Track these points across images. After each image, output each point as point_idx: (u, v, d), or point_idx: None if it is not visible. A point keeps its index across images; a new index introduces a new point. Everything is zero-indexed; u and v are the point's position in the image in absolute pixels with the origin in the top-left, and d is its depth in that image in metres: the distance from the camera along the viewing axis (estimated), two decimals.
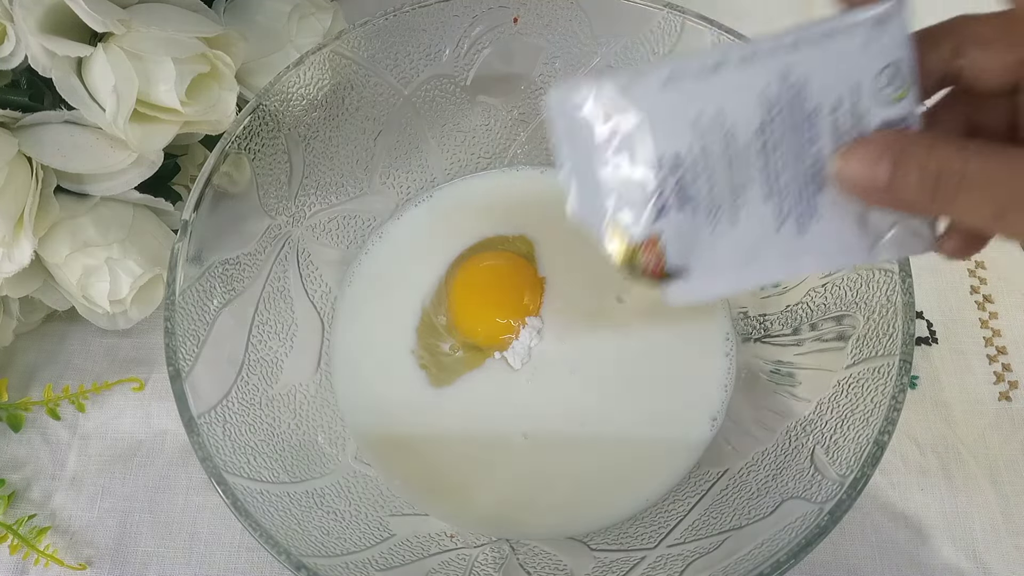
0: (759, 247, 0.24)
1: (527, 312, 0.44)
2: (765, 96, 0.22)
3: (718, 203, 0.24)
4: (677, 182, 0.24)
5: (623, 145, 0.24)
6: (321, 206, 0.45)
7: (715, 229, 0.24)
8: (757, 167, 0.23)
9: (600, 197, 0.25)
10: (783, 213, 0.24)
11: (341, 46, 0.42)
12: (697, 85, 0.23)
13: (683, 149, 0.23)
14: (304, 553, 0.33)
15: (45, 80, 0.40)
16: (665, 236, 0.25)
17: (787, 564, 0.31)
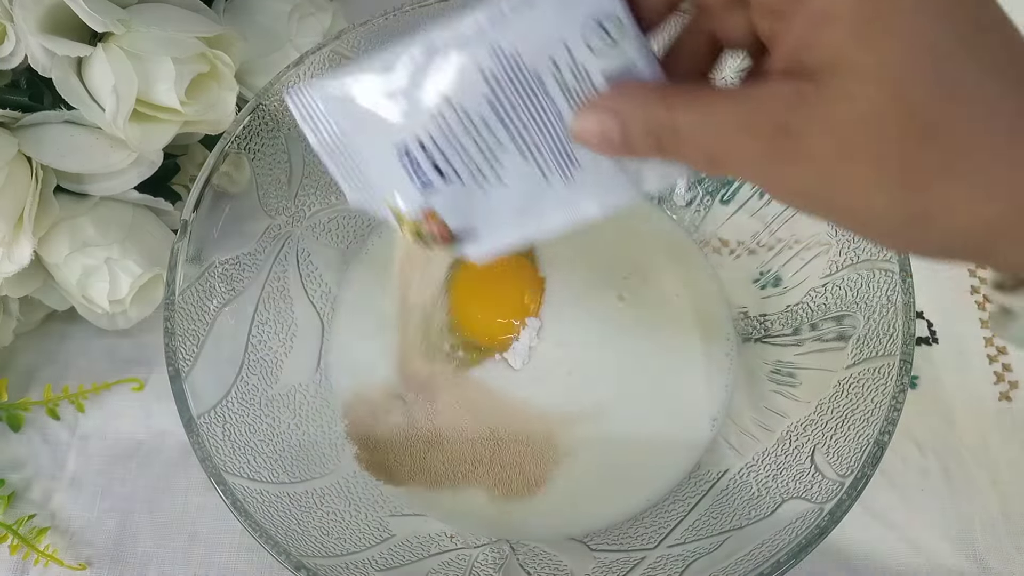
0: (533, 200, 0.26)
1: (527, 312, 0.44)
2: (484, 73, 0.23)
3: (478, 170, 0.25)
4: (429, 163, 0.25)
5: (366, 140, 0.26)
6: (321, 206, 0.45)
7: (485, 192, 0.26)
8: (502, 133, 0.24)
9: (369, 187, 0.27)
10: (545, 167, 0.25)
11: (341, 46, 0.42)
12: (416, 75, 0.24)
13: (422, 134, 0.25)
14: (304, 553, 0.33)
15: (45, 80, 0.40)
16: (439, 208, 0.26)
17: (787, 564, 0.31)
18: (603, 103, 0.23)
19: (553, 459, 0.41)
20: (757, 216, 0.44)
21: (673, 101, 0.21)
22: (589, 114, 0.23)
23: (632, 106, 0.22)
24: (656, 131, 0.22)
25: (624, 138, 0.22)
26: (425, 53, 0.23)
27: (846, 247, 0.39)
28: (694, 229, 0.47)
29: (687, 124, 0.21)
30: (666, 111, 0.21)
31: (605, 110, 0.23)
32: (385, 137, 0.25)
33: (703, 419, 0.42)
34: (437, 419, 0.42)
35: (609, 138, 0.23)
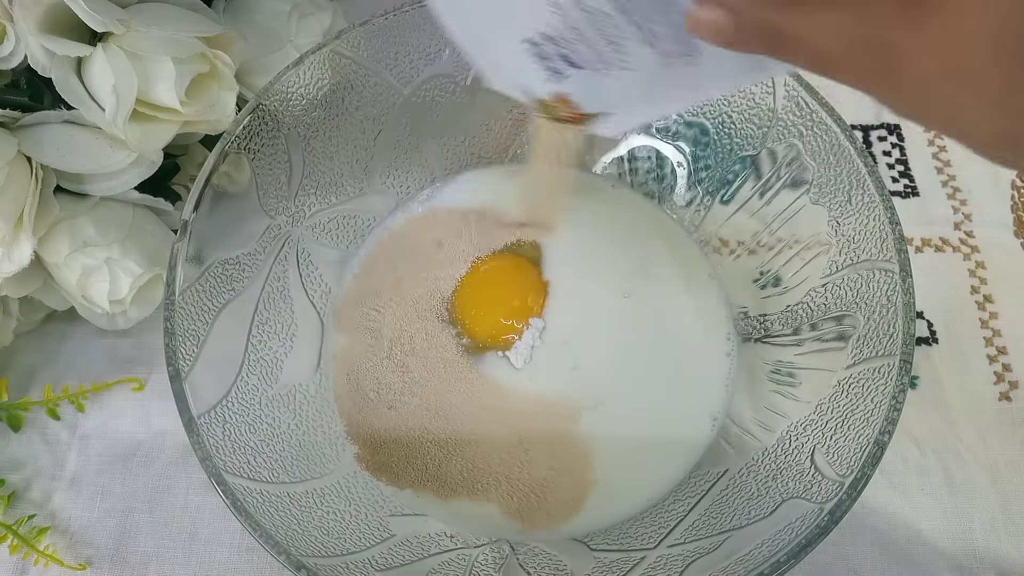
0: (660, 82, 0.26)
1: (530, 313, 0.44)
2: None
3: (605, 59, 0.26)
4: (558, 53, 0.26)
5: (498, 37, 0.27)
6: (321, 206, 0.45)
7: (613, 77, 0.26)
8: (624, 23, 0.25)
9: (508, 73, 0.28)
10: (668, 53, 0.25)
11: (341, 46, 0.42)
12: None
13: (548, 28, 0.25)
14: (304, 553, 0.33)
15: (45, 80, 0.40)
16: (572, 93, 0.27)
17: (787, 564, 0.31)
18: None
19: (553, 459, 0.41)
20: (757, 216, 0.44)
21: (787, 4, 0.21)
22: (706, 7, 0.23)
23: (746, 3, 0.22)
24: (766, 31, 0.22)
25: (736, 35, 0.22)
26: None
27: (846, 247, 0.39)
28: (694, 229, 0.47)
29: (796, 28, 0.21)
30: (776, 12, 0.21)
31: (720, 4, 0.23)
32: (514, 33, 0.26)
33: (704, 419, 0.42)
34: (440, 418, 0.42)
35: (722, 33, 0.23)
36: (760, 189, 0.43)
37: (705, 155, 0.46)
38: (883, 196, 0.37)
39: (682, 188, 0.47)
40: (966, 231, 0.49)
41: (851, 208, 0.38)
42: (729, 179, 0.45)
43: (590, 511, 0.40)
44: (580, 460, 0.41)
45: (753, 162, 0.43)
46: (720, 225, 0.46)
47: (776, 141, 0.42)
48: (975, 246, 0.49)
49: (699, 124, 0.45)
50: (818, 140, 0.39)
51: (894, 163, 0.52)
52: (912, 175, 0.51)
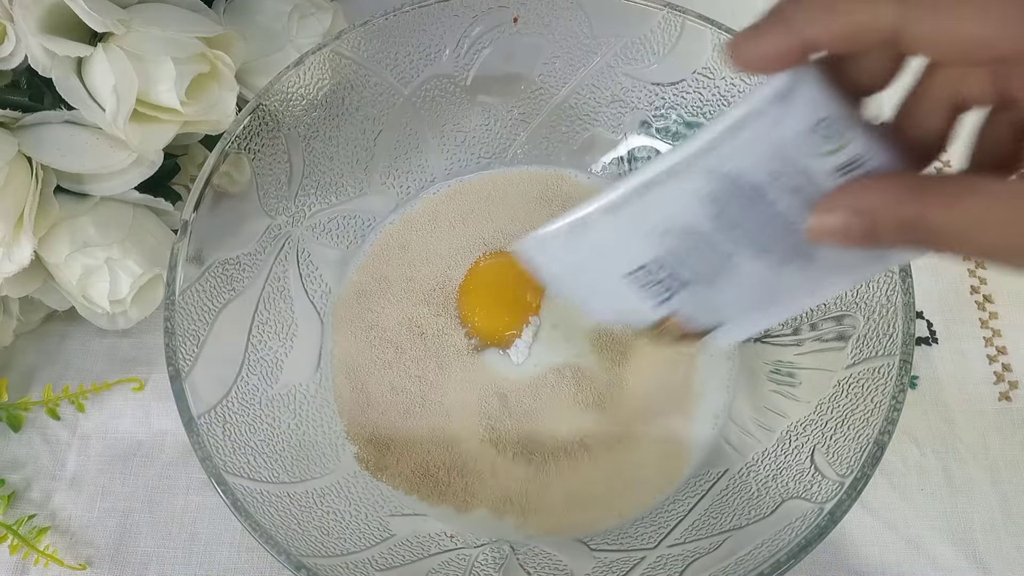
0: (774, 290, 0.26)
1: (530, 311, 0.44)
2: (705, 196, 0.23)
3: (715, 273, 0.25)
4: (666, 276, 0.26)
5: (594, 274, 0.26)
6: (321, 206, 0.45)
7: (724, 291, 0.26)
8: (733, 240, 0.24)
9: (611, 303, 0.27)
10: (781, 262, 0.25)
11: (341, 46, 0.42)
12: (636, 207, 0.24)
13: (653, 256, 0.25)
14: (304, 553, 0.33)
15: (45, 80, 0.40)
16: (679, 312, 0.27)
17: (787, 564, 0.31)
18: (844, 201, 0.22)
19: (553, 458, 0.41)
20: None
21: (925, 198, 0.20)
22: (827, 214, 0.22)
23: (879, 202, 0.21)
24: (908, 227, 0.21)
25: (870, 234, 0.21)
26: (641, 187, 0.23)
27: None
28: None
29: (942, 222, 0.20)
30: (918, 208, 0.20)
31: (846, 209, 0.22)
32: (612, 269, 0.26)
33: (704, 419, 0.42)
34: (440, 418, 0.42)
35: (853, 234, 0.22)
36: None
37: None
38: None
39: None
40: None
41: None
42: None
43: (590, 512, 0.40)
44: (579, 460, 0.41)
45: None
46: None
47: None
48: None
49: (699, 124, 0.45)
50: None
51: None
52: None
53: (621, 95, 0.46)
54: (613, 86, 0.46)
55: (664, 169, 0.23)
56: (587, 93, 0.47)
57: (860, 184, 0.22)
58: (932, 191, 0.20)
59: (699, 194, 0.23)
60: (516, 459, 0.41)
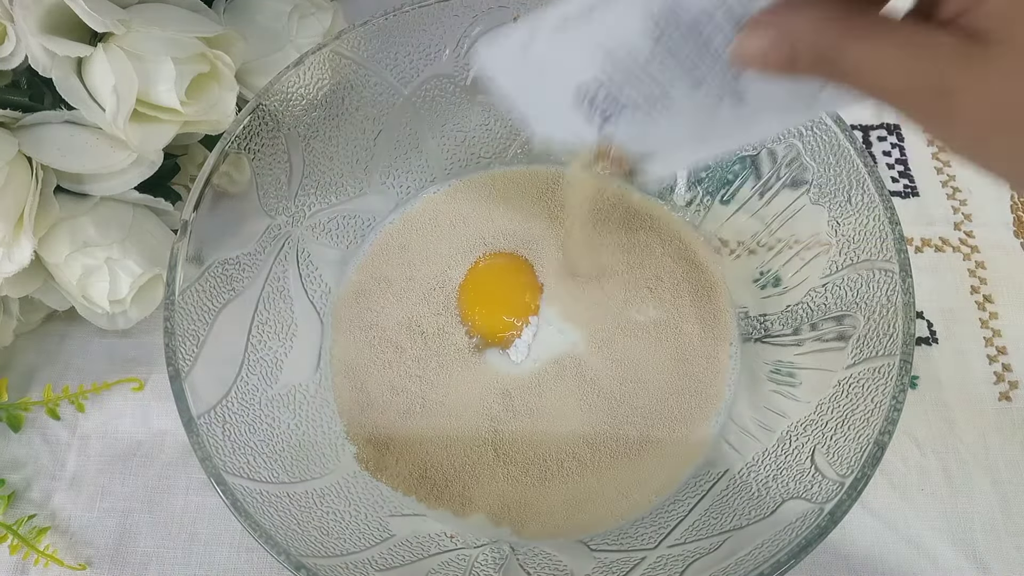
0: (708, 124, 0.26)
1: (530, 311, 0.44)
2: (648, 16, 0.24)
3: (652, 99, 0.26)
4: (605, 96, 0.27)
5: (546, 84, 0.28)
6: (321, 206, 0.45)
7: (661, 118, 0.27)
8: (672, 66, 0.25)
9: (557, 121, 0.29)
10: (716, 95, 0.25)
11: (341, 46, 0.42)
12: (583, 25, 0.25)
13: (597, 73, 0.26)
14: (304, 553, 0.33)
15: (45, 80, 0.40)
16: (617, 134, 0.28)
17: (787, 564, 0.31)
18: (771, 20, 0.22)
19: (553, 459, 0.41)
20: (757, 216, 0.44)
21: (846, 26, 0.21)
22: (755, 33, 0.22)
23: (803, 26, 0.22)
24: (825, 55, 0.21)
25: (791, 59, 0.22)
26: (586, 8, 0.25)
27: (846, 247, 0.39)
28: (694, 229, 0.47)
29: (855, 53, 0.21)
30: (838, 36, 0.21)
31: (773, 27, 0.22)
32: (564, 79, 0.27)
33: (705, 419, 0.42)
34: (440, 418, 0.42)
35: (775, 58, 0.22)
36: (760, 189, 0.43)
37: None
38: (883, 196, 0.37)
39: (682, 188, 0.47)
40: (966, 231, 0.49)
41: (851, 208, 0.38)
42: (729, 179, 0.45)
43: (590, 515, 0.40)
44: (582, 464, 0.41)
45: (753, 162, 0.43)
46: (720, 225, 0.46)
47: (776, 141, 0.42)
48: (975, 246, 0.49)
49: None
50: (818, 140, 0.39)
51: (894, 163, 0.52)
52: (912, 175, 0.51)
53: None
54: None
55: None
56: None
57: (786, 6, 0.22)
58: (852, 24, 0.21)
59: (643, 12, 0.24)
60: (516, 463, 0.41)
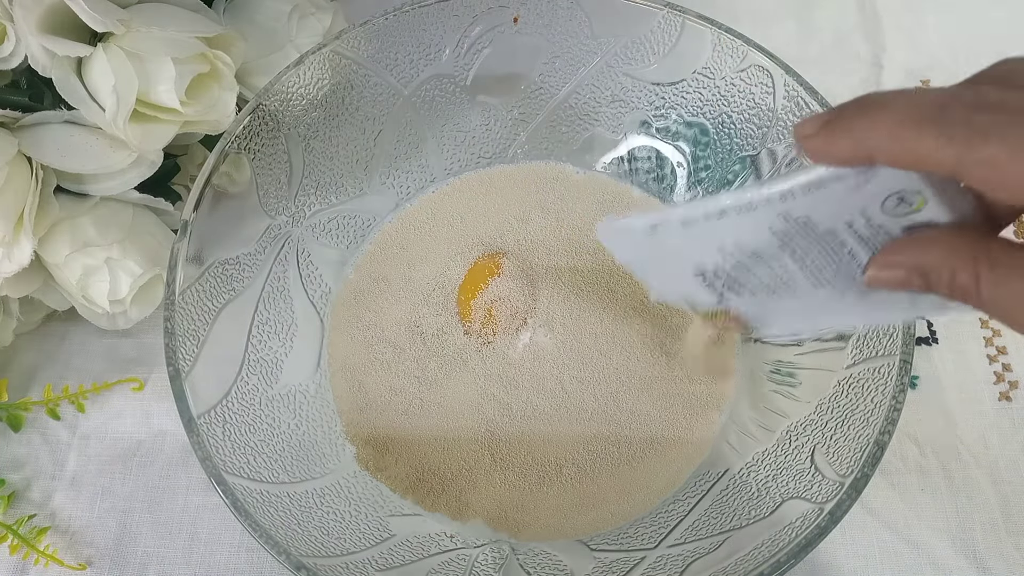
0: (826, 306, 0.27)
1: (528, 312, 0.44)
2: (774, 231, 0.25)
3: (772, 288, 0.27)
4: (724, 282, 0.28)
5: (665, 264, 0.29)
6: (321, 206, 0.45)
7: (780, 300, 0.28)
8: (795, 268, 0.26)
9: (671, 291, 0.30)
10: (838, 291, 0.26)
11: (341, 46, 0.42)
12: (708, 226, 0.26)
13: (717, 263, 0.27)
14: (304, 553, 0.33)
15: (45, 80, 0.40)
16: (735, 308, 0.29)
17: (787, 564, 0.31)
18: (901, 258, 0.23)
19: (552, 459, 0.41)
20: None
21: (983, 268, 0.21)
22: (887, 270, 0.24)
23: (933, 265, 0.22)
24: (959, 293, 0.22)
25: (925, 287, 0.23)
26: (717, 213, 0.25)
27: None
28: None
29: (990, 298, 0.21)
30: (970, 280, 0.21)
31: (902, 267, 0.23)
32: (683, 265, 0.28)
33: (704, 419, 0.42)
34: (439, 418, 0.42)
35: (908, 286, 0.23)
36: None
37: (705, 155, 0.46)
38: None
39: (682, 188, 0.47)
40: None
41: None
42: (729, 179, 0.45)
43: (589, 516, 0.40)
44: (581, 468, 0.41)
45: (753, 162, 0.43)
46: None
47: (776, 141, 0.42)
48: None
49: (699, 124, 0.45)
50: None
51: None
52: None
53: (621, 95, 0.46)
54: (613, 86, 0.46)
55: (741, 204, 0.25)
56: (587, 93, 0.47)
57: (920, 240, 0.23)
58: (985, 265, 0.21)
59: (770, 229, 0.25)
60: (513, 468, 0.41)
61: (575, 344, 0.43)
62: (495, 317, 0.43)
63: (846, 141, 0.22)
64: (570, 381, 0.42)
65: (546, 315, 0.44)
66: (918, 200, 0.22)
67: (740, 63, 0.42)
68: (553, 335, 0.43)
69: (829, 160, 0.22)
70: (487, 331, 0.43)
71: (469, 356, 0.43)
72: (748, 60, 0.41)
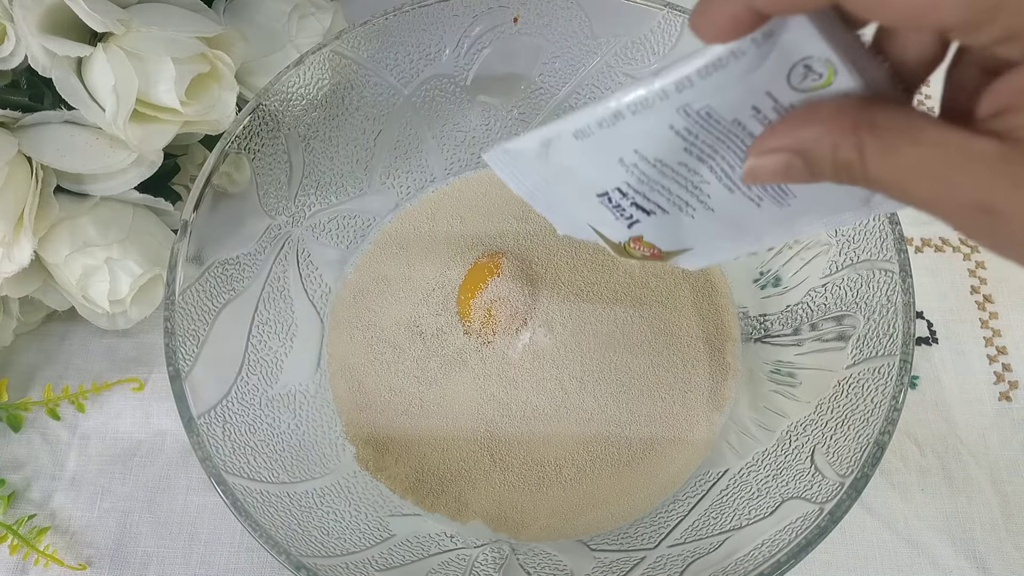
0: (746, 221, 0.25)
1: (528, 312, 0.44)
2: (675, 130, 0.22)
3: (684, 201, 0.25)
4: (632, 204, 0.25)
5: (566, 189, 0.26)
6: (321, 206, 0.45)
7: (693, 217, 0.25)
8: (704, 171, 0.23)
9: (577, 222, 0.28)
10: (755, 198, 0.24)
11: (341, 46, 0.42)
12: (604, 135, 0.23)
13: (621, 183, 0.24)
14: (304, 553, 0.33)
15: (45, 80, 0.40)
16: (647, 235, 0.26)
17: (787, 564, 0.31)
18: (777, 141, 0.21)
19: (552, 459, 0.41)
20: None
21: (866, 140, 0.19)
22: (765, 153, 0.21)
23: (817, 139, 0.20)
24: (844, 170, 0.20)
25: (810, 172, 0.20)
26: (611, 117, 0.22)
27: (846, 247, 0.39)
28: None
29: (877, 165, 0.19)
30: (855, 147, 0.19)
31: (784, 152, 0.20)
32: (584, 187, 0.25)
33: (706, 419, 0.42)
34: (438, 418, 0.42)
35: (791, 175, 0.21)
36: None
37: None
38: None
39: None
40: None
41: None
42: None
43: (589, 517, 0.40)
44: (581, 469, 0.41)
45: None
46: None
47: None
48: (975, 246, 0.49)
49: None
50: None
51: None
52: None
53: None
54: (613, 86, 0.46)
55: (635, 102, 0.22)
56: (587, 93, 0.47)
57: (796, 118, 0.21)
58: (872, 129, 0.19)
59: (672, 128, 0.22)
60: (512, 468, 0.41)
61: (575, 344, 0.43)
62: (495, 317, 0.43)
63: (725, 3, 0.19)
64: (570, 381, 0.42)
65: (546, 315, 0.44)
66: (827, 70, 0.20)
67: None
68: (553, 335, 0.43)
69: (717, 32, 0.20)
70: (487, 331, 0.43)
71: (469, 356, 0.43)
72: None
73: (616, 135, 0.23)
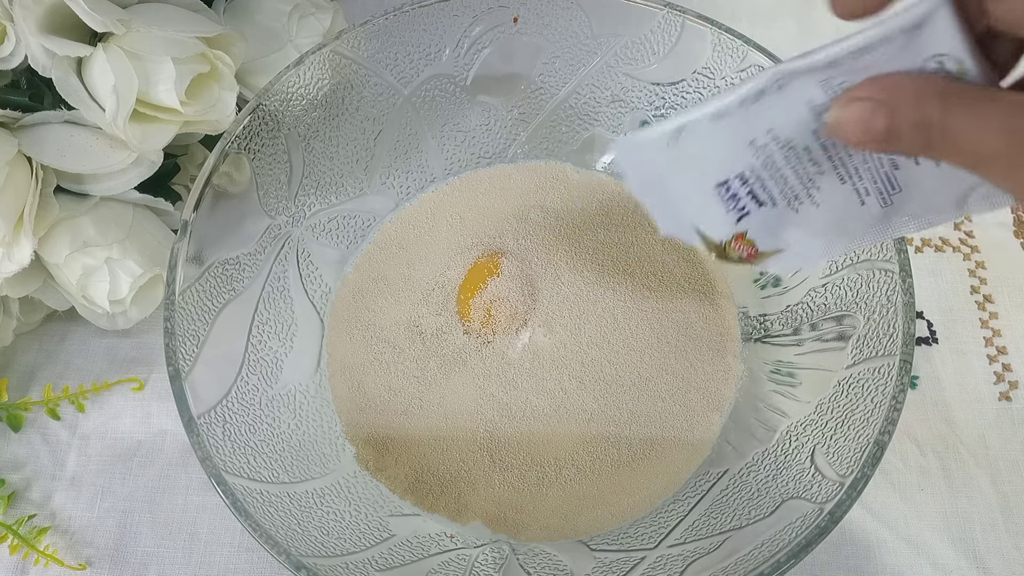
0: (846, 220, 0.26)
1: (528, 312, 0.44)
2: (811, 106, 0.23)
3: (794, 194, 0.26)
4: (748, 192, 0.26)
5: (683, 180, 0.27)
6: (321, 206, 0.45)
7: (798, 213, 0.26)
8: (823, 160, 0.25)
9: (682, 221, 0.28)
10: (863, 191, 0.25)
11: (341, 46, 0.42)
12: (743, 115, 0.24)
13: (746, 168, 0.26)
14: (304, 553, 0.33)
15: (45, 80, 0.40)
16: (751, 231, 0.28)
17: (787, 564, 0.31)
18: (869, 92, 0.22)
19: (552, 459, 0.41)
20: None
21: (950, 98, 0.21)
22: (853, 103, 0.22)
23: (905, 96, 0.21)
24: (925, 126, 0.21)
25: (890, 131, 0.21)
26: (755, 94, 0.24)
27: None
28: None
29: (956, 118, 0.20)
30: (940, 108, 0.20)
31: (871, 100, 0.22)
32: (706, 175, 0.26)
33: (705, 419, 0.42)
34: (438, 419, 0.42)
35: (874, 129, 0.22)
36: None
37: None
38: None
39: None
40: (966, 231, 0.49)
41: None
42: None
43: (589, 517, 0.40)
44: (581, 470, 0.41)
45: None
46: None
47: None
48: (975, 246, 0.49)
49: None
50: None
51: None
52: None
53: (621, 95, 0.46)
54: (613, 86, 0.46)
55: (779, 76, 0.23)
56: (587, 93, 0.47)
57: (888, 77, 0.22)
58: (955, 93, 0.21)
59: (809, 105, 0.23)
60: (512, 469, 0.41)
61: (575, 344, 0.43)
62: (495, 317, 0.43)
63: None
64: (569, 381, 0.42)
65: (545, 315, 0.44)
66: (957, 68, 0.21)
67: (740, 63, 0.42)
68: (553, 335, 0.43)
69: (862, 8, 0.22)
70: (487, 331, 0.43)
71: (469, 356, 0.43)
72: (748, 60, 0.41)
73: (754, 113, 0.24)
